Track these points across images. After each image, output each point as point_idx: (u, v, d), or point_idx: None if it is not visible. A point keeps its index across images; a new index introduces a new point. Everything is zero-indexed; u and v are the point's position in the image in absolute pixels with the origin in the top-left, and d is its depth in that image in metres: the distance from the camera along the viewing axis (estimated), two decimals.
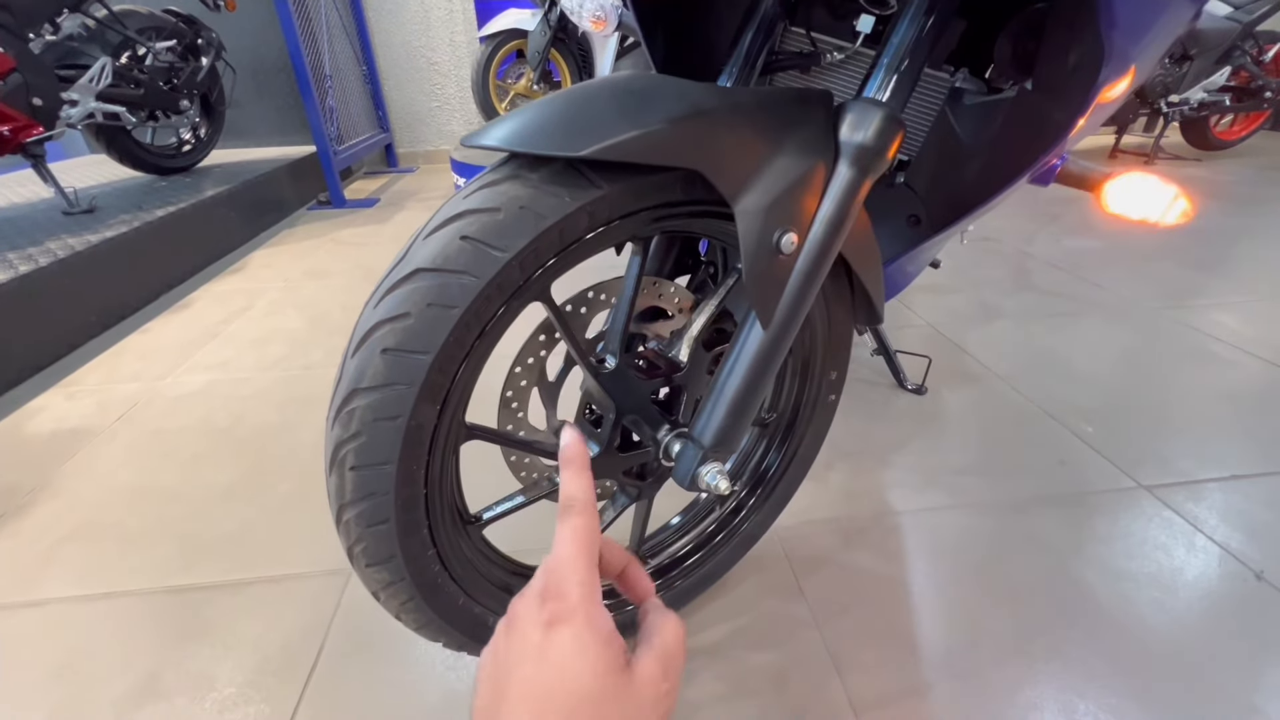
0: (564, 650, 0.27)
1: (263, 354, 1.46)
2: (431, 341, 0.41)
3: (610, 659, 0.28)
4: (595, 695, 0.27)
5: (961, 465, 1.03)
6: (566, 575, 0.29)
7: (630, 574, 0.36)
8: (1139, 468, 1.01)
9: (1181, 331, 1.47)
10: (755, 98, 0.47)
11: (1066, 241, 2.14)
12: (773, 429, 0.76)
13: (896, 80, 0.49)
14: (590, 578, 0.30)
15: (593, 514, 0.32)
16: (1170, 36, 0.49)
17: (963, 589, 0.80)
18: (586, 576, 0.30)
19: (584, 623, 0.28)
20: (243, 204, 2.36)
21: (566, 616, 0.28)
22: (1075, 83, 0.47)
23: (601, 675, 0.27)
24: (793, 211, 0.47)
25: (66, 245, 1.58)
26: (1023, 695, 0.67)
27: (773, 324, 0.50)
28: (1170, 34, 0.48)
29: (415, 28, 3.44)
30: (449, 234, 0.42)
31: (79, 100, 1.86)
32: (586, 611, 0.28)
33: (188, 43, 2.34)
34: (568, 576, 0.29)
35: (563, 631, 0.28)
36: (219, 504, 0.98)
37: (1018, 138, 0.56)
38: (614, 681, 0.27)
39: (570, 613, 0.28)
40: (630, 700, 0.27)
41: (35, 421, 1.21)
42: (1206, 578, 0.81)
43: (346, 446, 0.43)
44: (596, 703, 0.26)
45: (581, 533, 0.31)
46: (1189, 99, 3.12)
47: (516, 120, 0.42)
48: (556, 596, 0.29)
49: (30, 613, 0.80)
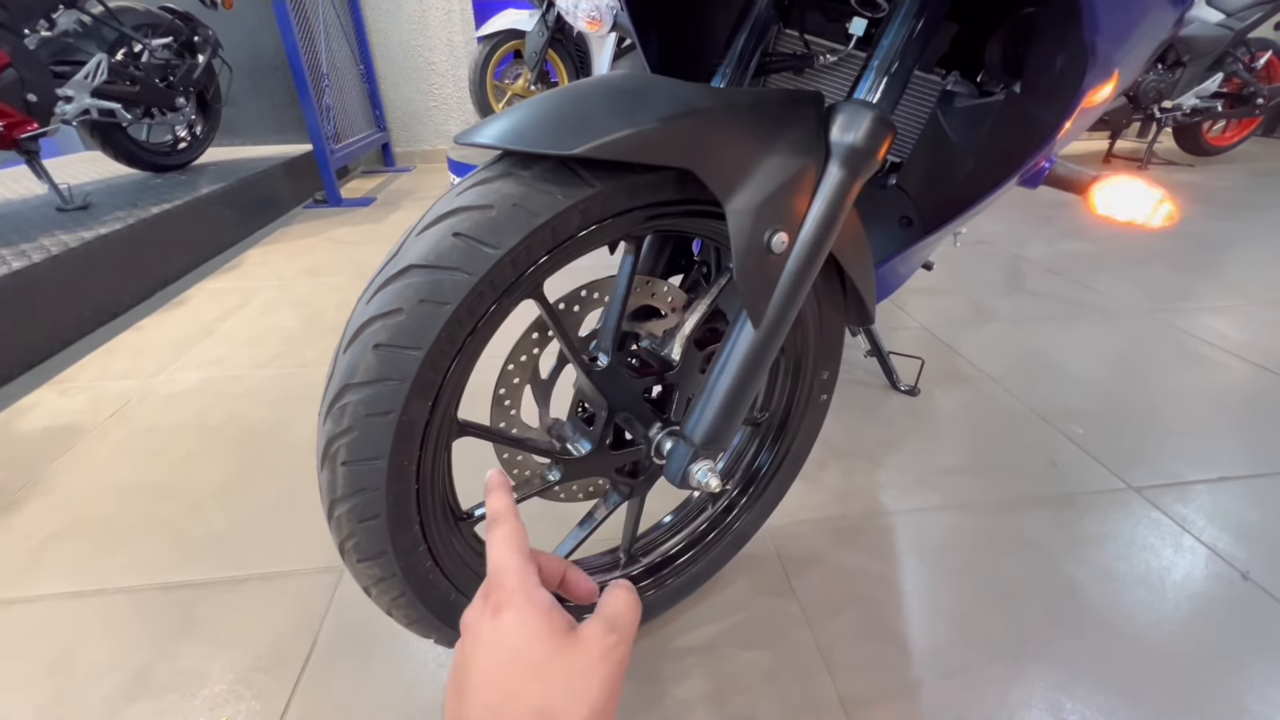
0: (509, 629, 0.30)
1: (257, 352, 1.46)
2: (423, 337, 0.42)
3: (551, 624, 0.30)
4: (540, 658, 0.29)
5: (953, 466, 1.03)
6: (501, 570, 0.33)
7: (570, 579, 0.39)
8: (1129, 469, 1.02)
9: (1172, 335, 1.48)
10: (747, 98, 0.47)
11: (1060, 245, 2.15)
12: (765, 428, 0.76)
13: (887, 82, 0.50)
14: (523, 566, 0.33)
15: (516, 522, 0.36)
16: (1153, 42, 0.49)
17: (953, 588, 0.80)
18: (519, 566, 0.33)
19: (523, 600, 0.31)
20: (238, 202, 2.35)
21: (506, 601, 0.31)
22: (1061, 86, 0.48)
23: (544, 639, 0.30)
24: (783, 211, 0.48)
25: (60, 242, 1.57)
26: (1012, 694, 0.67)
27: (764, 323, 0.51)
28: (1153, 40, 0.49)
29: (413, 27, 3.44)
30: (442, 230, 0.42)
31: (74, 96, 1.86)
32: (525, 592, 0.31)
33: (184, 40, 2.33)
34: (503, 570, 0.33)
35: (506, 614, 0.30)
36: (212, 501, 0.98)
37: (1006, 140, 0.57)
38: (558, 643, 0.30)
39: (509, 596, 0.31)
40: (576, 657, 0.30)
41: (28, 418, 1.21)
42: (1194, 578, 0.82)
43: (338, 442, 0.43)
44: (542, 665, 0.29)
45: (509, 535, 0.34)
46: (1182, 105, 3.15)
47: (510, 118, 0.43)
48: (496, 589, 0.32)
49: (21, 609, 0.79)
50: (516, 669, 0.29)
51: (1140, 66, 0.51)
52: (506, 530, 0.35)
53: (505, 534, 0.35)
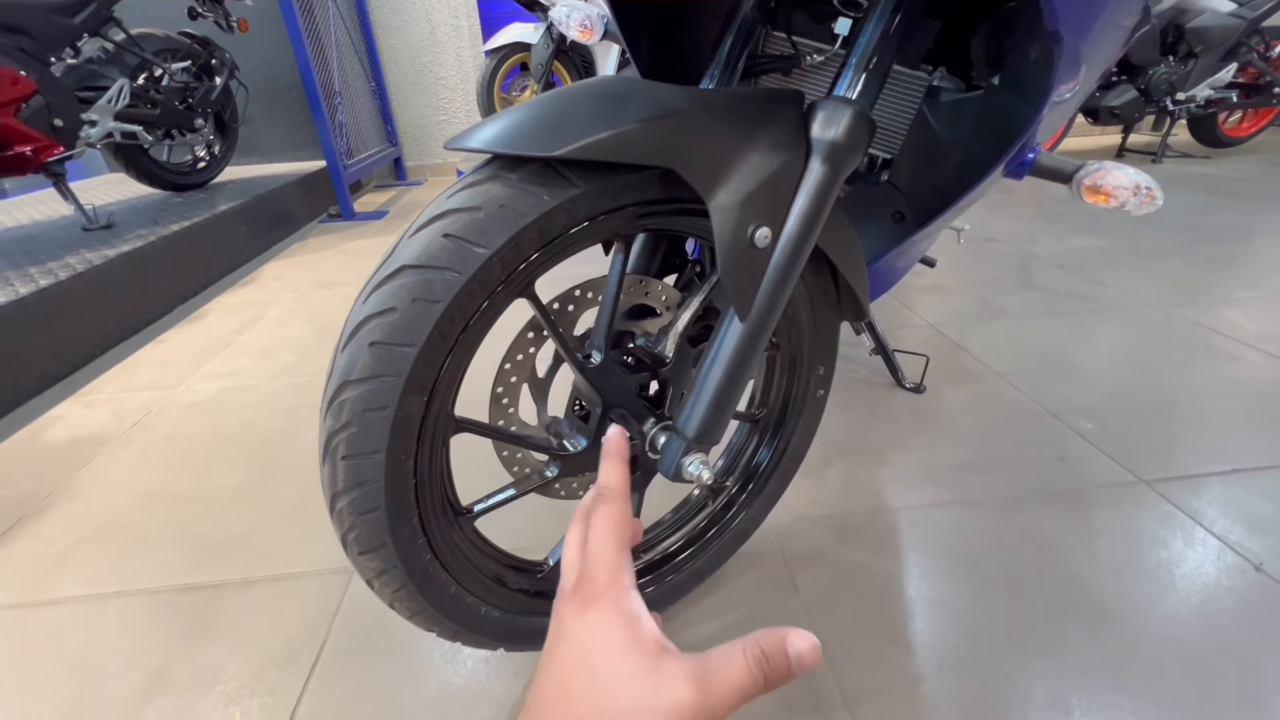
0: (591, 630, 0.28)
1: (273, 362, 1.50)
2: (417, 335, 0.43)
3: (634, 636, 0.27)
4: (611, 672, 0.26)
5: (959, 462, 1.03)
6: (597, 561, 0.30)
7: None
8: (1140, 463, 1.01)
9: (1186, 328, 1.46)
10: (727, 98, 0.48)
11: (1071, 241, 2.13)
12: (763, 425, 0.77)
13: (866, 78, 0.51)
14: (619, 561, 0.30)
15: (625, 502, 0.33)
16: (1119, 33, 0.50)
17: (958, 583, 0.80)
18: (615, 561, 0.30)
19: (611, 603, 0.29)
20: (255, 218, 2.41)
21: (594, 599, 0.29)
22: (1034, 78, 0.48)
23: (622, 655, 0.27)
24: (766, 207, 0.49)
25: (85, 260, 1.63)
26: (1017, 688, 0.67)
27: (750, 316, 0.52)
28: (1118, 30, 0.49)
29: (422, 44, 3.52)
30: (432, 232, 0.44)
31: (98, 120, 1.93)
32: (614, 592, 0.29)
33: (202, 63, 2.41)
34: (598, 561, 0.30)
35: (591, 613, 0.29)
36: (228, 507, 1.01)
37: (989, 132, 0.57)
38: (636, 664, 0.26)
39: (598, 595, 0.29)
40: (644, 687, 0.26)
41: (54, 429, 1.25)
42: (1205, 570, 0.81)
43: (338, 437, 0.45)
44: (611, 679, 0.26)
45: (613, 519, 0.32)
46: (1195, 96, 3.10)
47: (498, 123, 0.44)
48: (588, 581, 0.30)
49: (47, 611, 0.82)
50: (581, 675, 0.27)
51: (1109, 57, 0.52)
52: (610, 513, 0.32)
53: (609, 516, 0.32)
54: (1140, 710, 0.64)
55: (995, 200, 2.70)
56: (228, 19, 2.39)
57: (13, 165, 1.76)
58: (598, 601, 0.29)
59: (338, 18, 2.98)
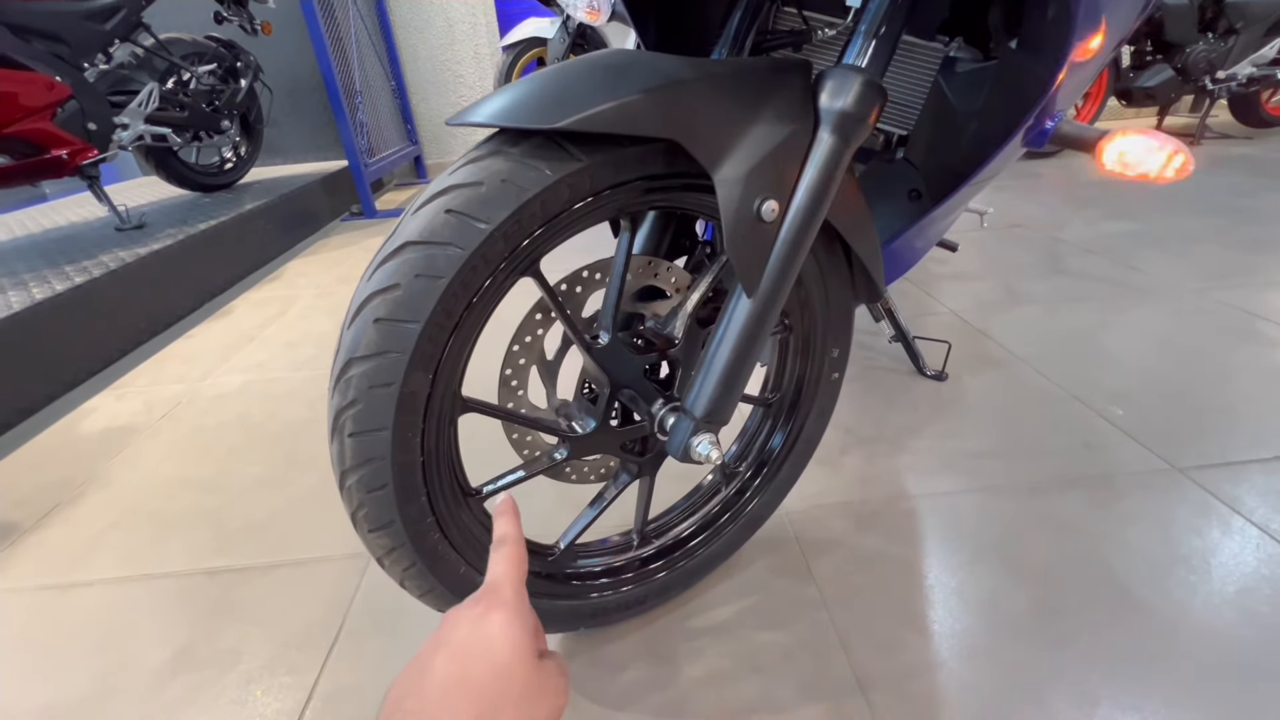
0: (493, 626, 0.32)
1: (295, 355, 1.53)
2: (420, 311, 0.44)
3: (528, 644, 0.32)
4: (508, 663, 0.31)
5: (980, 449, 1.00)
6: (501, 583, 0.35)
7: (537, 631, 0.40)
8: (1173, 450, 0.97)
9: (1224, 312, 1.40)
10: (732, 68, 0.47)
11: (1102, 225, 2.06)
12: (776, 409, 0.76)
13: (875, 46, 0.49)
14: (520, 588, 0.35)
15: (521, 547, 0.38)
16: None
17: (978, 570, 0.78)
18: (517, 583, 0.35)
19: (515, 611, 0.33)
20: (280, 217, 2.47)
21: (499, 605, 0.33)
22: (1052, 38, 0.46)
23: (520, 650, 0.31)
24: (773, 179, 0.48)
25: (118, 258, 1.68)
26: (1040, 678, 0.65)
27: (758, 292, 0.51)
28: None
29: (440, 42, 3.55)
30: (435, 208, 0.44)
31: (129, 124, 1.99)
32: (518, 604, 0.34)
33: (228, 66, 2.47)
34: (502, 584, 0.35)
35: (493, 617, 0.32)
36: (252, 494, 1.03)
37: (1006, 99, 0.55)
38: (529, 660, 0.32)
39: (503, 603, 0.33)
40: (538, 679, 0.32)
41: (88, 420, 1.30)
42: (1244, 559, 0.77)
43: (345, 414, 0.46)
44: (507, 670, 0.31)
45: (513, 558, 0.37)
46: (1236, 74, 2.97)
47: (500, 98, 0.44)
48: (492, 593, 0.34)
49: (80, 591, 0.85)
50: (484, 663, 0.31)
51: (1131, 15, 0.49)
52: (511, 553, 0.37)
53: (509, 555, 0.37)
54: (1173, 702, 0.61)
55: (1022, 185, 2.63)
56: (252, 22, 2.44)
57: (50, 168, 1.83)
58: (504, 607, 0.33)
59: (358, 18, 3.02)
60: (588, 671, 0.69)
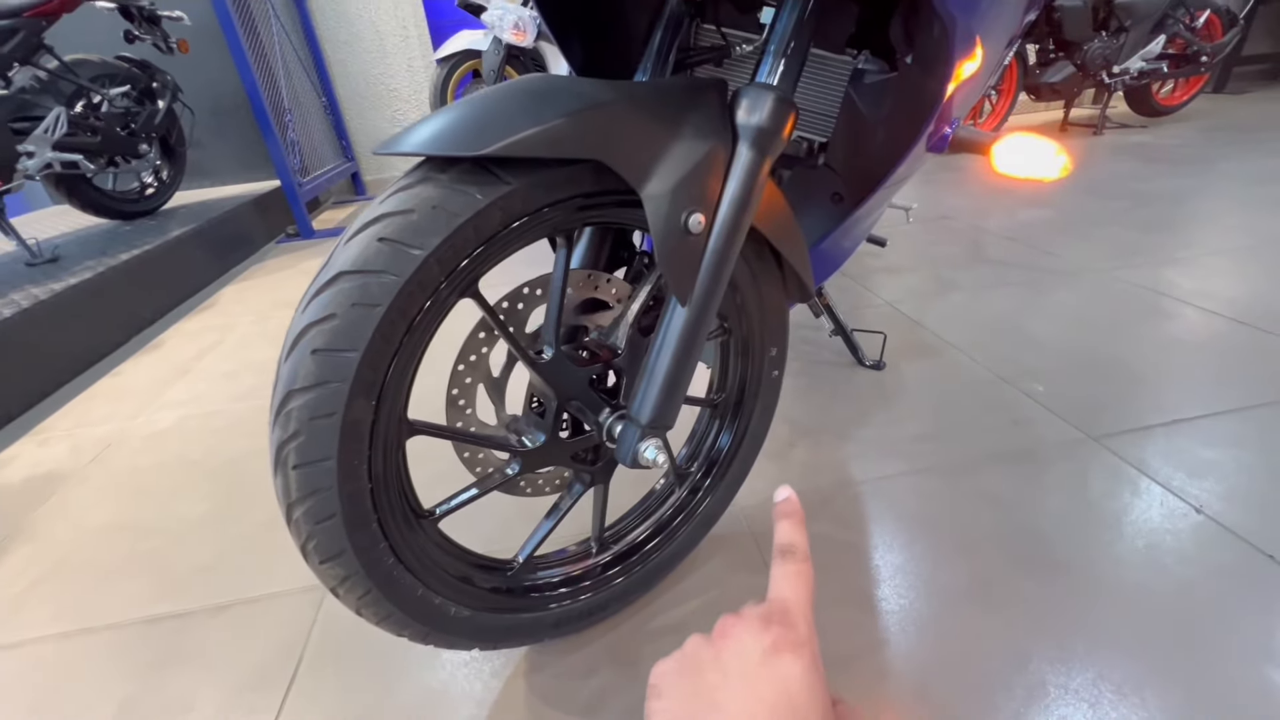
0: (793, 679, 0.27)
1: (235, 386, 1.47)
2: (358, 339, 0.44)
3: (827, 702, 0.28)
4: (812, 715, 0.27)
5: (918, 433, 1.06)
6: (794, 610, 0.30)
7: None
8: (1087, 420, 1.05)
9: (1127, 290, 1.52)
10: (651, 90, 0.50)
11: (1020, 214, 2.20)
12: (721, 409, 0.79)
13: (785, 64, 0.53)
14: (811, 619, 0.30)
15: (810, 564, 0.32)
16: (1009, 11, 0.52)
17: (919, 548, 0.83)
18: (810, 617, 0.30)
19: (811, 659, 0.28)
20: (210, 242, 2.36)
21: (794, 647, 0.28)
22: (938, 56, 0.51)
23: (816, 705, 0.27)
24: (697, 193, 0.50)
25: (30, 295, 1.58)
26: (979, 643, 0.70)
27: (691, 301, 0.53)
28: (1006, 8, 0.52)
29: (372, 56, 3.47)
30: (367, 237, 0.44)
31: (35, 151, 1.87)
32: (813, 649, 0.29)
33: (143, 87, 2.35)
34: (795, 611, 0.30)
35: (789, 660, 0.28)
36: (195, 534, 0.99)
37: (908, 109, 0.60)
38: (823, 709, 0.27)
39: (799, 644, 0.28)
40: None
41: (7, 471, 1.21)
42: (1150, 517, 0.85)
43: (288, 446, 0.45)
44: None
45: (804, 577, 0.31)
46: (1129, 69, 3.23)
47: (427, 126, 0.45)
48: (784, 624, 0.29)
49: (5, 655, 0.80)
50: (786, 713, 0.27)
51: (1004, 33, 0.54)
52: (802, 571, 0.32)
53: (802, 574, 0.31)
54: (1093, 653, 0.67)
55: (949, 179, 2.77)
56: (166, 40, 2.33)
57: None
58: (799, 651, 0.28)
59: (282, 34, 2.93)
60: (554, 682, 0.70)
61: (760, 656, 0.28)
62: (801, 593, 0.31)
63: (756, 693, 0.27)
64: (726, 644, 0.29)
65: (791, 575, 0.31)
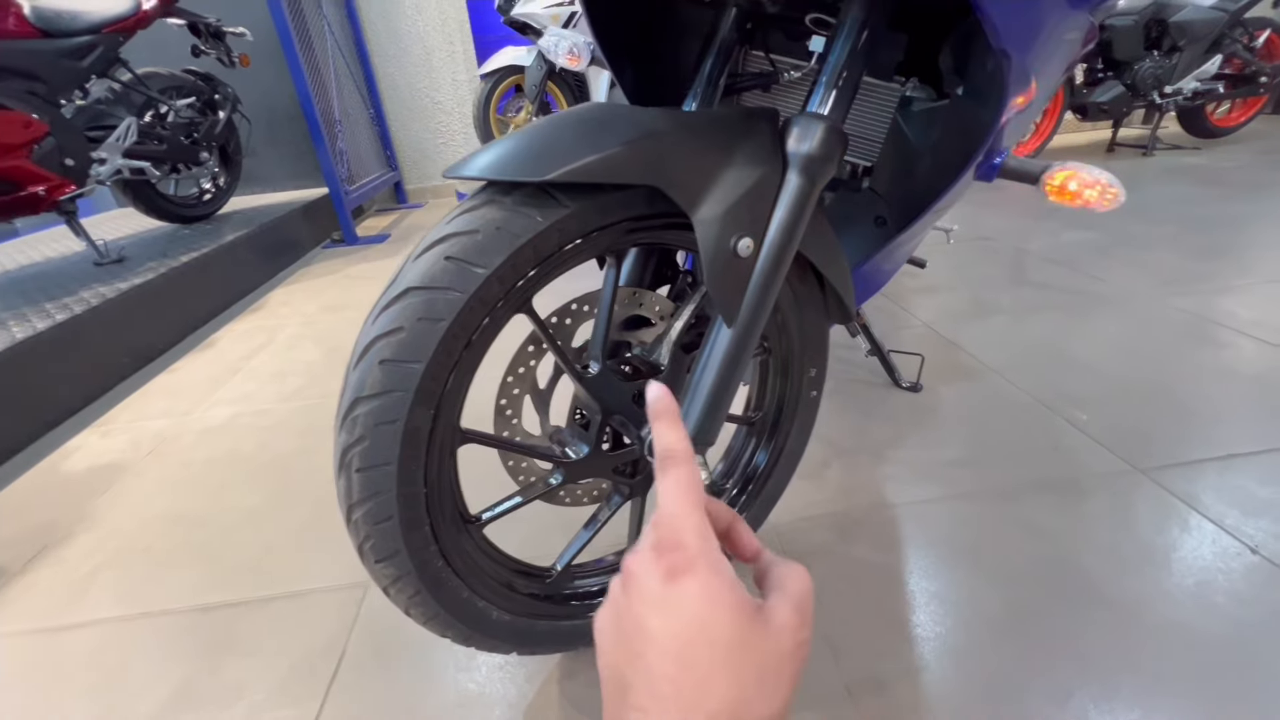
0: (694, 600, 0.26)
1: (283, 386, 1.53)
2: (422, 351, 0.46)
3: (742, 604, 0.26)
4: (736, 642, 0.25)
5: (955, 458, 1.05)
6: (680, 525, 0.28)
7: (735, 531, 0.33)
8: (1134, 451, 1.02)
9: (1179, 318, 1.48)
10: (705, 118, 0.52)
11: (1064, 235, 2.16)
12: (759, 427, 0.80)
13: (836, 94, 0.54)
14: (704, 525, 0.28)
15: (692, 465, 0.30)
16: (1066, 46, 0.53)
17: (957, 575, 0.82)
18: (700, 524, 0.28)
19: (707, 570, 0.26)
20: (261, 246, 2.47)
21: (687, 566, 0.27)
22: (991, 89, 0.51)
23: (738, 622, 0.26)
24: (747, 218, 0.52)
25: (99, 294, 1.67)
26: (1018, 676, 0.69)
27: (737, 323, 0.55)
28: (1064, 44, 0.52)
29: (419, 69, 3.60)
30: (434, 255, 0.47)
31: (107, 158, 1.99)
32: (708, 558, 0.27)
33: (206, 99, 2.48)
34: (681, 526, 0.28)
35: (687, 582, 0.26)
36: (244, 527, 1.03)
37: (957, 138, 0.60)
38: (751, 628, 0.26)
39: (690, 562, 0.27)
40: (770, 646, 0.26)
41: (72, 460, 1.29)
42: (1202, 555, 0.82)
43: (352, 450, 0.48)
44: (738, 649, 0.25)
45: (686, 481, 0.29)
46: (1182, 89, 3.14)
47: (492, 152, 0.48)
48: (673, 547, 0.27)
49: (73, 634, 0.85)
50: (704, 650, 0.25)
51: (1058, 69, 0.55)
52: (682, 476, 0.29)
53: (681, 479, 0.29)
54: (1140, 693, 0.65)
55: (988, 199, 2.73)
56: (229, 55, 2.46)
57: (27, 205, 1.82)
58: (692, 568, 0.26)
59: (335, 48, 3.06)
60: (587, 690, 0.71)
61: (660, 590, 0.26)
62: (685, 501, 0.28)
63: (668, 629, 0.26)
64: (632, 585, 0.28)
65: (673, 485, 0.29)
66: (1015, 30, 0.45)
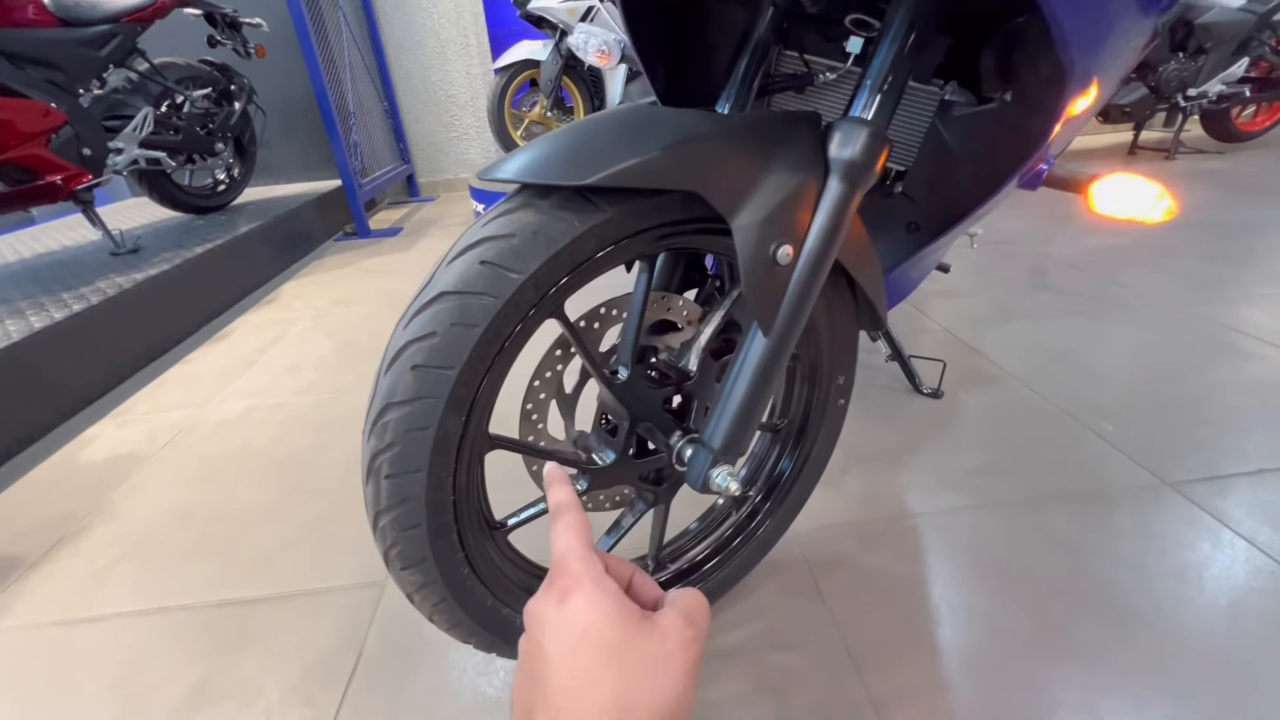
0: (581, 613, 0.29)
1: (296, 379, 1.53)
2: (456, 357, 0.45)
3: (624, 609, 0.30)
4: (619, 642, 0.28)
5: (977, 466, 1.03)
6: (566, 556, 0.32)
7: (636, 583, 0.37)
8: (1162, 464, 1.00)
9: (1205, 326, 1.45)
10: (746, 122, 0.50)
11: (1086, 241, 2.12)
12: (785, 434, 0.78)
13: (880, 99, 0.52)
14: (588, 555, 0.32)
15: (580, 512, 0.35)
16: (1131, 52, 0.51)
17: (981, 587, 0.81)
18: (585, 554, 0.32)
19: (592, 585, 0.30)
20: (274, 238, 2.47)
21: (574, 585, 0.30)
22: (1046, 94, 0.50)
23: (620, 623, 0.29)
24: (787, 225, 0.51)
25: (115, 284, 1.68)
26: (1044, 692, 0.67)
27: (773, 331, 0.53)
28: (1129, 50, 0.50)
29: (433, 63, 3.58)
30: (469, 259, 0.46)
31: (124, 148, 1.99)
32: (592, 577, 0.31)
33: (222, 89, 2.48)
34: (568, 557, 0.32)
35: (575, 599, 0.30)
36: (260, 522, 1.03)
37: (1001, 146, 0.59)
38: (633, 628, 0.29)
39: (576, 582, 0.30)
40: (654, 644, 0.29)
41: (89, 450, 1.29)
42: (1233, 573, 0.80)
43: (382, 456, 0.47)
44: (618, 649, 0.28)
45: (574, 524, 0.34)
46: (1207, 92, 3.08)
47: (528, 154, 0.47)
48: (561, 575, 0.31)
49: (89, 628, 0.85)
50: (591, 652, 0.28)
51: (1120, 73, 0.53)
52: (570, 520, 0.34)
53: (569, 523, 0.34)
54: (1170, 714, 0.64)
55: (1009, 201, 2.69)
56: (245, 46, 2.46)
57: (44, 194, 1.82)
58: (578, 586, 0.30)
59: (351, 40, 3.05)
60: None
61: (556, 614, 0.30)
62: (571, 538, 0.33)
63: (561, 647, 0.28)
64: (532, 622, 0.31)
65: (561, 529, 0.34)
66: (1083, 33, 0.44)
